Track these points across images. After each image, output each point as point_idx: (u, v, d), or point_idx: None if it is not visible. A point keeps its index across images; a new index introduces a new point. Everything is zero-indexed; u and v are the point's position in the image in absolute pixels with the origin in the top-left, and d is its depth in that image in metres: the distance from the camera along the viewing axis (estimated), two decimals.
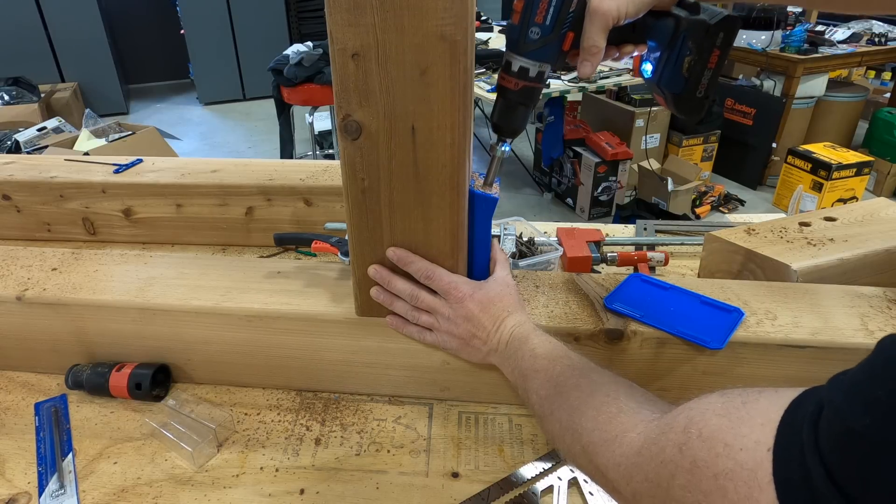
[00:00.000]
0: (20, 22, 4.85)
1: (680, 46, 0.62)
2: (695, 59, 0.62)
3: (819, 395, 0.34)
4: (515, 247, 1.06)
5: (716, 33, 0.61)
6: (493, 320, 0.69)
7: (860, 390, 0.31)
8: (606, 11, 0.57)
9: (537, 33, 0.59)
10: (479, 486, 0.70)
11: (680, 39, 0.62)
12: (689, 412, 0.41)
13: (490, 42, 4.06)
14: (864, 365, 0.32)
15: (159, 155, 1.60)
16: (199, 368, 0.84)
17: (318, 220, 1.11)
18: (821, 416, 0.32)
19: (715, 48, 0.62)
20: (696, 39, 0.61)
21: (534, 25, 0.59)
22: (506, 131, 0.67)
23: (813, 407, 0.33)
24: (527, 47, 0.60)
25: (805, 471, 0.31)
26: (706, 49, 0.62)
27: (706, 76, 0.63)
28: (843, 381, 0.33)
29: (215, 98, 5.76)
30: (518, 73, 0.62)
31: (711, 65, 0.62)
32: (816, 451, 0.31)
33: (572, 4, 0.58)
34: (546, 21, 0.58)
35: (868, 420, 0.29)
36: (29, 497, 0.69)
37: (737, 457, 0.35)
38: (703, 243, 0.98)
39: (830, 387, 0.33)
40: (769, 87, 3.77)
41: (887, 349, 0.32)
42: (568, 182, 3.63)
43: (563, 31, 0.59)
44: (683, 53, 0.62)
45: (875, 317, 0.74)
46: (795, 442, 0.32)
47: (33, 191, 1.15)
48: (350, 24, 0.56)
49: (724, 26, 0.61)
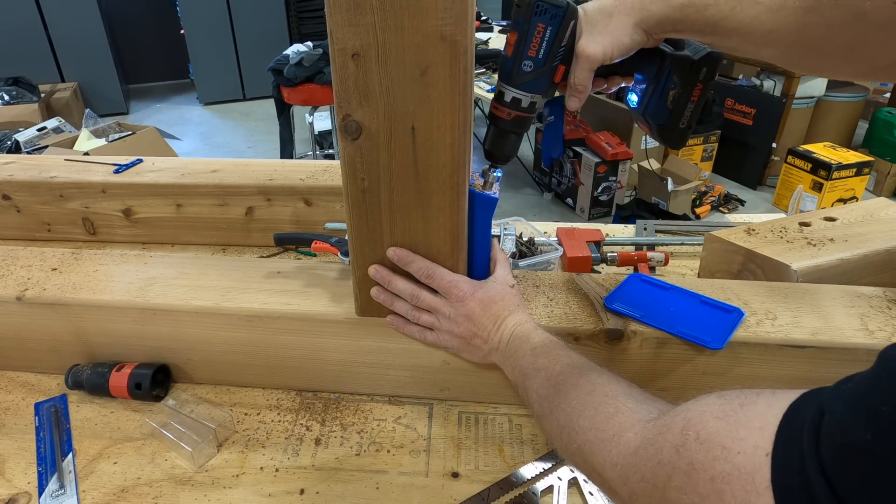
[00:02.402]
0: (20, 22, 4.85)
1: (665, 80, 0.65)
2: (679, 92, 0.65)
3: (818, 400, 0.33)
4: (515, 247, 1.06)
5: (699, 69, 0.64)
6: (494, 319, 0.69)
7: (862, 403, 0.31)
8: (591, 54, 0.60)
9: (530, 66, 0.62)
10: (479, 486, 0.70)
11: (665, 74, 0.65)
12: (686, 413, 0.41)
13: (490, 42, 4.06)
14: (867, 376, 0.32)
15: (159, 155, 1.60)
16: (199, 368, 0.84)
17: (318, 220, 1.11)
18: (821, 424, 0.32)
19: (698, 82, 0.65)
20: (680, 74, 0.65)
21: (527, 59, 0.61)
22: (498, 158, 0.70)
23: (813, 413, 0.33)
24: (519, 79, 0.63)
25: (805, 479, 0.31)
26: (690, 83, 0.65)
27: (689, 108, 0.66)
28: (845, 390, 0.33)
29: (215, 98, 5.76)
30: (511, 104, 0.64)
31: (694, 98, 0.66)
32: (817, 460, 0.31)
33: (563, 39, 0.61)
34: (539, 55, 0.61)
35: (870, 435, 0.29)
36: (29, 497, 0.69)
37: (734, 460, 0.35)
38: (703, 243, 0.98)
39: (833, 395, 0.33)
40: (769, 87, 3.76)
41: (891, 361, 0.31)
42: (568, 182, 3.62)
43: (554, 63, 0.62)
44: (668, 87, 0.65)
45: (875, 317, 0.74)
46: (795, 449, 0.32)
47: (33, 191, 1.15)
48: (350, 23, 0.56)
49: (707, 62, 0.64)
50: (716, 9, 0.57)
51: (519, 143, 0.69)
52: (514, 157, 0.70)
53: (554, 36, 0.60)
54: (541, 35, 0.60)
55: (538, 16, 0.59)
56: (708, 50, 0.64)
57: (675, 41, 0.65)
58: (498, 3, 6.40)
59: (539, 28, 0.60)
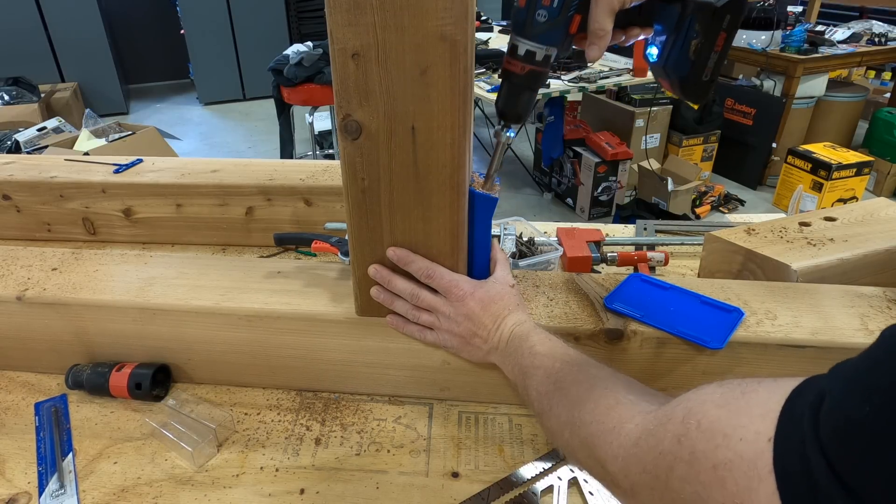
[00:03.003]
0: (20, 22, 4.85)
1: (687, 29, 0.61)
2: (701, 41, 0.61)
3: (819, 384, 0.33)
4: (515, 247, 1.06)
5: (722, 16, 0.60)
6: (494, 319, 0.69)
7: (861, 380, 0.31)
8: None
9: (544, 16, 0.58)
10: (479, 486, 0.70)
11: (687, 22, 0.61)
12: (687, 403, 0.41)
13: (490, 42, 4.06)
14: (866, 355, 0.32)
15: (159, 155, 1.60)
16: (199, 368, 0.84)
17: (318, 220, 1.11)
18: (821, 405, 0.32)
19: (722, 31, 0.61)
20: (703, 22, 0.61)
21: (541, 8, 0.58)
22: (511, 117, 0.66)
23: (813, 397, 0.33)
24: (533, 30, 0.59)
25: (805, 461, 0.31)
26: (713, 32, 0.61)
27: (712, 59, 0.62)
28: (843, 370, 0.33)
29: (215, 98, 5.76)
30: (524, 57, 0.61)
31: (718, 48, 0.62)
32: (817, 441, 0.31)
33: None
34: (553, 4, 0.58)
35: (868, 409, 0.29)
36: (29, 497, 0.69)
37: (736, 447, 0.35)
38: (703, 243, 0.98)
39: (831, 376, 0.33)
40: (769, 87, 3.77)
41: (889, 339, 0.31)
42: (568, 182, 3.63)
43: (569, 13, 0.59)
44: (690, 37, 0.62)
45: (875, 317, 0.74)
46: (796, 432, 0.32)
47: (33, 191, 1.15)
48: (350, 23, 0.56)
49: (730, 8, 0.60)
50: None
51: (533, 100, 0.66)
52: (527, 115, 0.66)
53: None
54: None
55: None
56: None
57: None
58: (498, 3, 6.40)
59: None
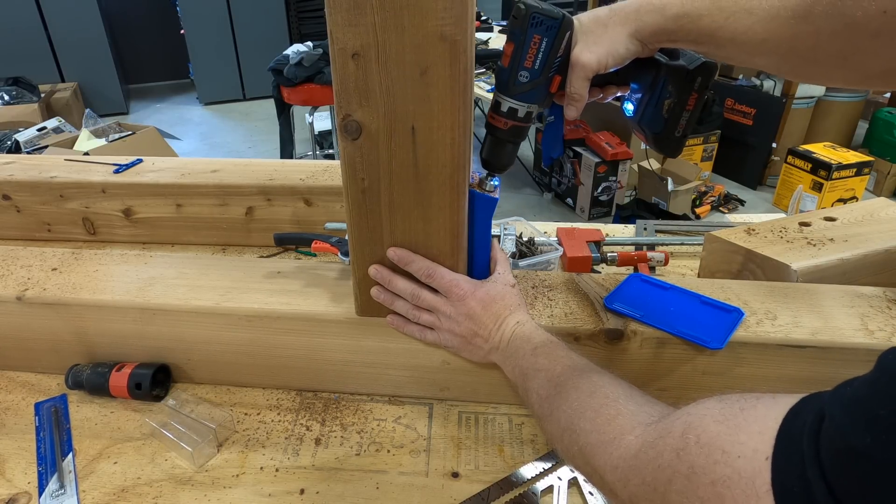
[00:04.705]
0: (20, 22, 4.85)
1: (660, 90, 0.66)
2: (674, 101, 0.66)
3: (818, 404, 0.34)
4: (515, 247, 1.06)
5: (694, 78, 0.65)
6: (495, 318, 0.69)
7: (862, 407, 0.31)
8: (586, 63, 0.61)
9: (526, 77, 0.62)
10: (479, 486, 0.70)
11: (660, 83, 0.66)
12: (687, 417, 0.41)
13: (490, 42, 4.06)
14: (867, 381, 0.32)
15: (159, 155, 1.60)
16: (199, 368, 0.84)
17: (318, 220, 1.11)
18: (821, 428, 0.32)
19: (693, 92, 0.65)
20: (675, 84, 0.65)
21: (523, 69, 0.62)
22: (495, 167, 0.70)
23: (812, 417, 0.33)
24: (516, 89, 0.63)
25: (805, 483, 0.31)
26: (685, 92, 0.65)
27: (684, 117, 0.67)
28: (844, 395, 0.33)
29: (215, 98, 5.76)
30: (507, 113, 0.65)
31: (690, 107, 0.66)
32: (817, 464, 0.31)
33: (559, 50, 0.61)
34: (535, 66, 0.61)
35: (869, 439, 0.29)
36: (29, 497, 0.69)
37: (734, 464, 0.35)
38: (703, 243, 0.98)
39: (832, 399, 0.33)
40: (769, 86, 3.76)
41: (890, 365, 0.32)
42: (568, 182, 3.62)
43: (550, 74, 0.62)
44: (664, 96, 0.66)
45: (875, 317, 0.74)
46: (795, 453, 0.32)
47: (33, 191, 1.15)
48: (350, 23, 0.56)
49: (701, 71, 0.64)
50: (710, 19, 0.58)
51: (515, 152, 0.69)
52: (510, 166, 0.70)
53: (550, 47, 0.60)
54: (537, 46, 0.60)
55: (534, 27, 0.59)
56: (702, 59, 0.64)
57: (670, 51, 0.65)
58: (498, 3, 6.40)
59: (535, 39, 0.60)
